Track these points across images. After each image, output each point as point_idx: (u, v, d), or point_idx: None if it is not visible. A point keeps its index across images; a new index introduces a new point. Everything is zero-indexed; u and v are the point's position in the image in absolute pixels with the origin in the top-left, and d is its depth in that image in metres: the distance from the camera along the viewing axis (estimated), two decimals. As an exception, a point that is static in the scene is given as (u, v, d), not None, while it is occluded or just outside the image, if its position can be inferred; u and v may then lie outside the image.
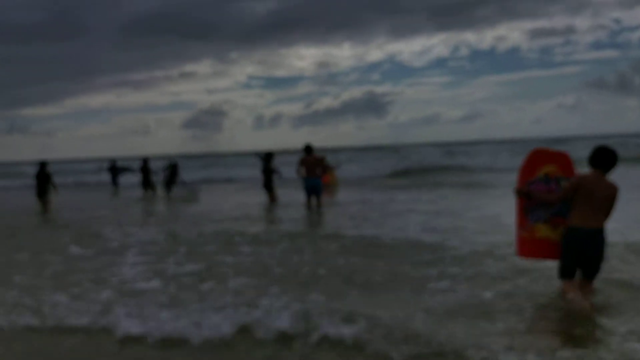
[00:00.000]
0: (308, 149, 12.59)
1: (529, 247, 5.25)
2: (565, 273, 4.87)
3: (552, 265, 5.34)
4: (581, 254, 4.75)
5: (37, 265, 7.34)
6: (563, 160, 5.26)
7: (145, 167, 20.49)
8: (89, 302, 5.43)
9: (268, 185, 14.42)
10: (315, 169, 12.39)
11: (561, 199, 4.88)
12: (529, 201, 5.14)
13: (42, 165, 15.49)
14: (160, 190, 20.01)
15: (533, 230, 5.21)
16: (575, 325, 4.44)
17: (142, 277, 6.46)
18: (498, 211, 10.34)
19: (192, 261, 7.21)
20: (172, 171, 19.49)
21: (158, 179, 20.30)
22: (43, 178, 15.36)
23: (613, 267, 5.87)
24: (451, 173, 24.97)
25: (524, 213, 5.23)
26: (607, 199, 4.69)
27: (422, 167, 28.33)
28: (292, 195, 15.04)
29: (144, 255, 7.82)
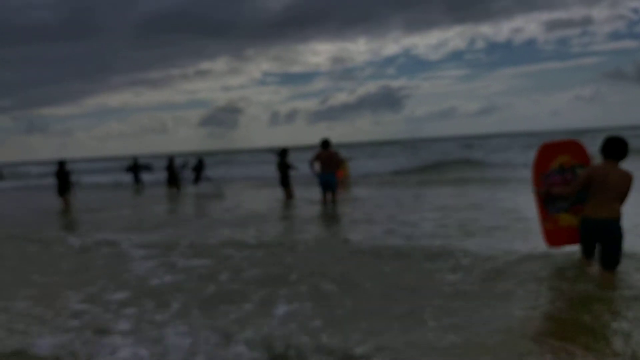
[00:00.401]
0: (325, 144, 12.39)
1: (556, 236, 5.44)
2: (585, 252, 5.15)
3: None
4: (593, 243, 4.97)
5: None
6: (575, 149, 5.37)
7: (171, 165, 21.19)
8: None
9: (285, 182, 14.44)
10: (331, 164, 12.25)
11: (576, 191, 4.99)
12: (548, 195, 5.31)
13: (61, 164, 16.02)
14: (186, 187, 21.32)
15: (557, 221, 5.41)
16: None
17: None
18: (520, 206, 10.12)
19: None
20: (199, 167, 21.31)
21: (182, 176, 21.54)
22: (63, 176, 15.87)
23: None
24: (470, 168, 24.55)
25: (544, 206, 5.38)
26: (621, 188, 4.74)
27: (440, 162, 27.77)
28: (308, 192, 14.99)
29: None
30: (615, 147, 4.80)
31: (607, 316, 4.19)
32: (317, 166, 12.33)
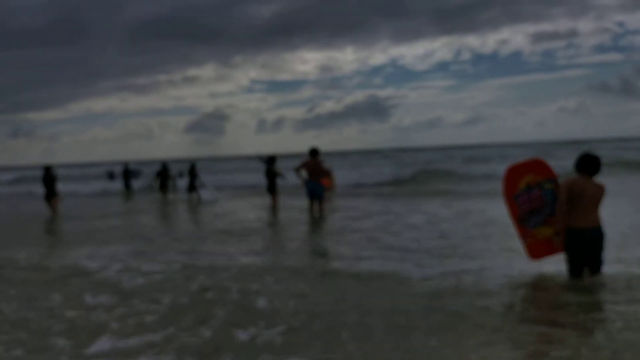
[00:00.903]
0: (313, 152, 12.43)
1: (537, 249, 5.69)
2: (575, 273, 5.35)
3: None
4: (584, 251, 5.23)
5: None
6: (538, 166, 5.66)
7: (164, 171, 21.62)
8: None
9: (272, 189, 14.49)
10: (317, 172, 12.32)
11: (562, 204, 5.20)
12: (522, 212, 5.60)
13: (47, 169, 15.86)
14: (177, 194, 21.80)
15: (535, 235, 5.66)
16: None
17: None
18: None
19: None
20: (192, 173, 20.08)
21: (174, 183, 22.57)
22: (49, 182, 15.70)
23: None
24: (449, 180, 23.82)
25: (521, 223, 5.65)
26: (597, 198, 5.17)
27: (422, 171, 26.81)
28: (296, 200, 15.08)
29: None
30: (590, 163, 5.20)
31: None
32: (304, 174, 12.39)
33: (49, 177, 15.71)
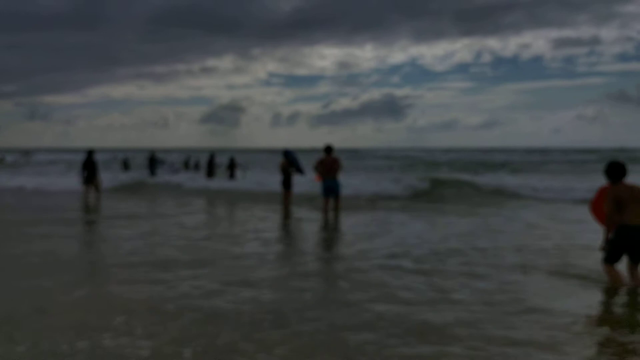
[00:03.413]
0: (328, 149, 12.34)
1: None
2: (611, 260, 5.85)
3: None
4: (633, 245, 5.73)
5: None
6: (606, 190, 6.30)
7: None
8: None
9: (286, 184, 13.96)
10: (333, 169, 12.19)
11: (609, 213, 5.81)
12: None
13: (90, 153, 16.52)
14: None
15: None
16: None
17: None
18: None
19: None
20: (211, 161, 23.22)
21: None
22: (90, 166, 16.33)
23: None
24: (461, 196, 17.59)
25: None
26: None
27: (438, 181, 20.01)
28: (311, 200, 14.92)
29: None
30: (622, 170, 5.87)
31: None
32: (321, 170, 12.25)
33: (90, 161, 16.28)
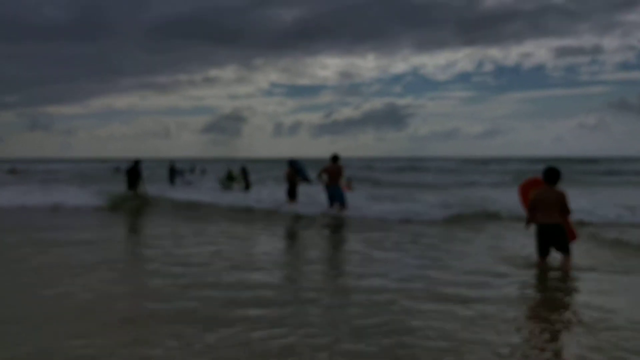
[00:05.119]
0: (334, 158, 13.05)
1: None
2: (540, 253, 6.84)
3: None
4: (546, 239, 6.71)
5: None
6: (539, 182, 7.16)
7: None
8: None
9: (292, 193, 14.40)
10: (337, 177, 12.90)
11: (531, 209, 6.85)
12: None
13: (136, 162, 17.14)
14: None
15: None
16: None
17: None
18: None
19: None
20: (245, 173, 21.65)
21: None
22: (134, 174, 16.94)
23: None
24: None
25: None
26: (557, 202, 6.62)
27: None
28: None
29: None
30: (552, 174, 6.65)
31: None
32: (325, 178, 13.02)
33: (135, 170, 16.89)
